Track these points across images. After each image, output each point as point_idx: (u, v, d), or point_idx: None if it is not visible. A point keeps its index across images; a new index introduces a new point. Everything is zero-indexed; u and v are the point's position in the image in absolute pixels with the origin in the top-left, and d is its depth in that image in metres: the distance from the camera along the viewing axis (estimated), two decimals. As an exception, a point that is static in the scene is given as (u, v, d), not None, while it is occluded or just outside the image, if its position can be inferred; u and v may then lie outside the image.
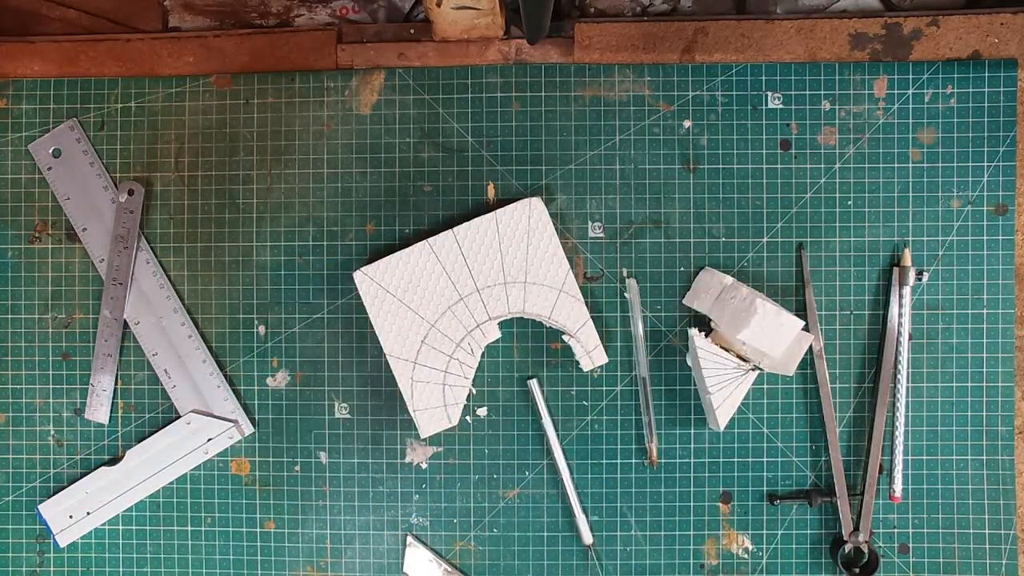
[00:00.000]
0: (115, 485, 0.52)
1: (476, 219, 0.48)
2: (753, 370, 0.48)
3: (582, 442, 0.51)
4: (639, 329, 0.49)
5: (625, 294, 0.50)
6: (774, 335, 0.46)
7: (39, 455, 0.52)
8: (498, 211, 0.48)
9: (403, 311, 0.49)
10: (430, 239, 0.48)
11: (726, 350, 0.48)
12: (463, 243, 0.48)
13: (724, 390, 0.48)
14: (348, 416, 0.51)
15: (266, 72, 0.52)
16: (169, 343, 0.52)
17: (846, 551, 0.50)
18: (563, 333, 0.50)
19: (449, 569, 0.51)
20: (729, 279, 0.48)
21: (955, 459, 0.50)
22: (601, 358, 0.49)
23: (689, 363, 0.50)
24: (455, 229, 0.48)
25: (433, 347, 0.48)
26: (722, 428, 0.48)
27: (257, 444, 0.52)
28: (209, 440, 0.52)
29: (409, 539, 0.51)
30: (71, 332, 0.52)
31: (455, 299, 0.48)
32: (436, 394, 0.48)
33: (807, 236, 0.50)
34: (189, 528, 0.52)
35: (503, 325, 0.51)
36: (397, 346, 0.48)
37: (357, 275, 0.49)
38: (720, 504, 0.50)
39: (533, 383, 0.50)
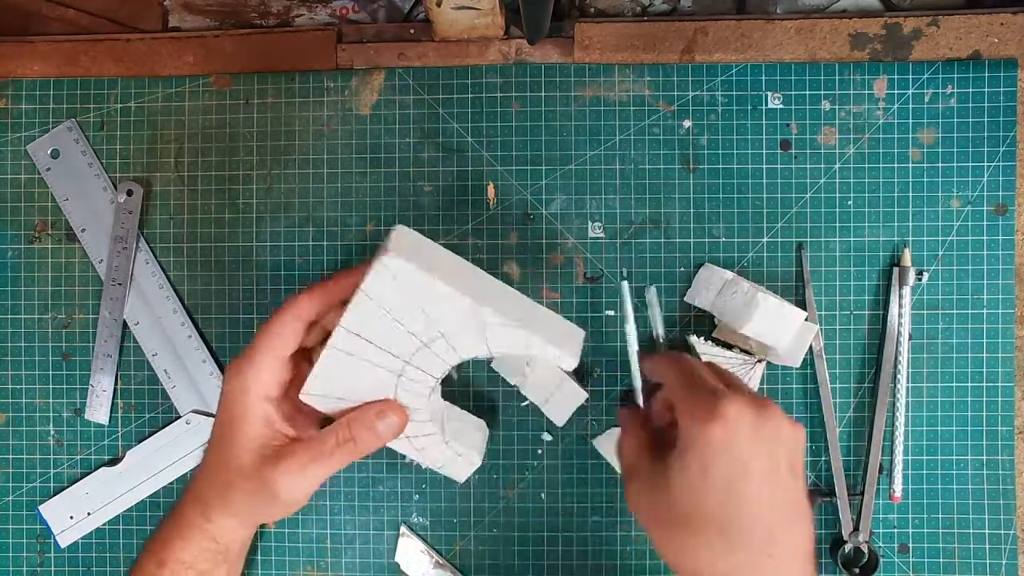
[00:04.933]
0: (115, 485, 0.52)
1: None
2: (759, 362, 0.48)
3: (581, 442, 0.51)
4: (660, 332, 0.47)
5: (645, 295, 0.48)
6: (777, 327, 0.46)
7: (39, 455, 0.52)
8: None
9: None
10: (480, 271, 0.43)
11: (730, 346, 0.49)
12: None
13: None
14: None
15: (266, 72, 0.52)
16: (169, 343, 0.52)
17: (846, 551, 0.50)
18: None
19: (440, 561, 0.51)
20: (729, 274, 0.48)
21: (955, 459, 0.50)
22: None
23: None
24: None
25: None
26: None
27: (257, 444, 0.52)
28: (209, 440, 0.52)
29: (403, 529, 0.51)
30: (71, 332, 0.52)
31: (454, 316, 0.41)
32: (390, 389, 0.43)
33: (807, 236, 0.50)
34: (189, 528, 0.52)
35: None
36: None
37: (400, 227, 0.43)
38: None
39: (624, 285, 0.47)
